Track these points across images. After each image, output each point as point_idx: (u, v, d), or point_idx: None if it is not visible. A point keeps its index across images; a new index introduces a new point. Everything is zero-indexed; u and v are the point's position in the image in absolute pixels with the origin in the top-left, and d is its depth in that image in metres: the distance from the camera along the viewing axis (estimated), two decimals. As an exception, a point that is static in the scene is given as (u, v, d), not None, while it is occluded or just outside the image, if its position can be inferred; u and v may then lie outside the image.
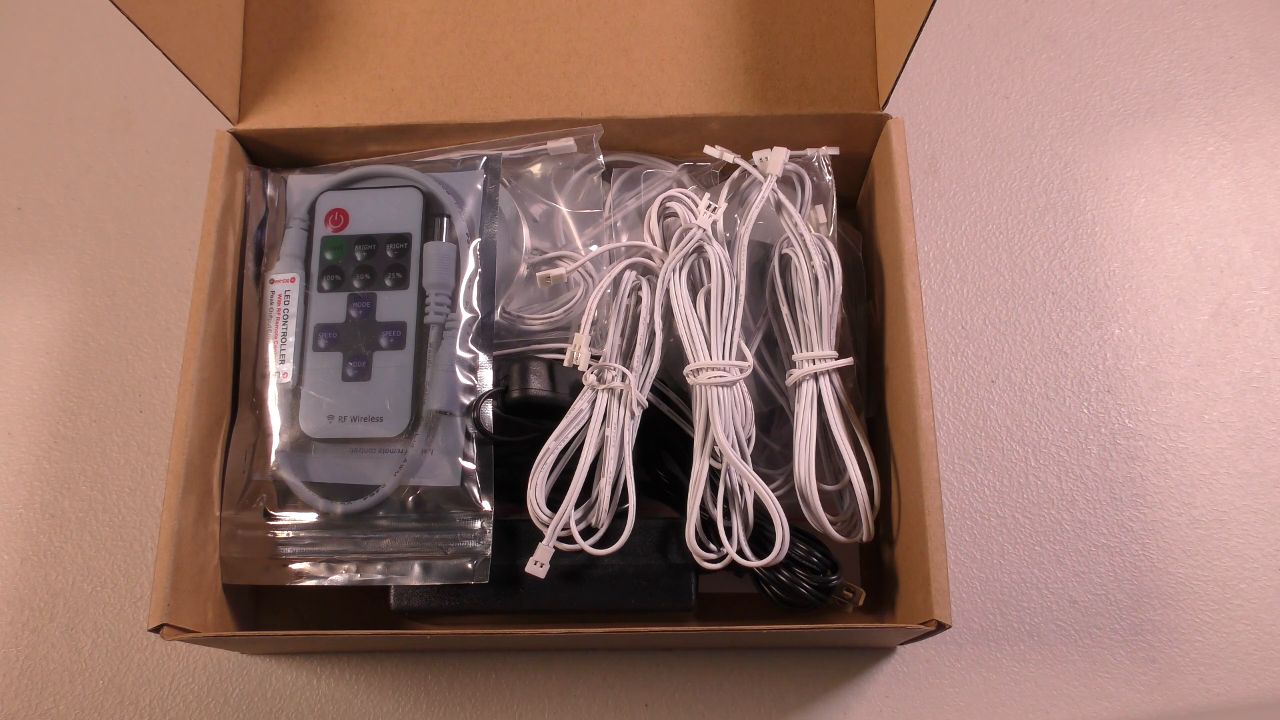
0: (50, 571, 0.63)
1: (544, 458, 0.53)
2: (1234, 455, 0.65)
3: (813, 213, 0.59)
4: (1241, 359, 0.67)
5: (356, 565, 0.55)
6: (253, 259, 0.59)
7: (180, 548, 0.52)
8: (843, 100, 0.60)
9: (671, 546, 0.55)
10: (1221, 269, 0.69)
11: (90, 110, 0.74)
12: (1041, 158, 0.72)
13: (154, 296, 0.69)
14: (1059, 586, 0.62)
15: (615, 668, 0.61)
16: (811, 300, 0.55)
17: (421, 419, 0.55)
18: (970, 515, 0.64)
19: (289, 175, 0.60)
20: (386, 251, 0.57)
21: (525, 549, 0.53)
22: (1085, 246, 0.69)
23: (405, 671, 0.61)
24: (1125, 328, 0.67)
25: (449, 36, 0.62)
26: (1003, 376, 0.67)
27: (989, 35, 0.75)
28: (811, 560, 0.54)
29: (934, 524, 0.50)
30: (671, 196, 0.57)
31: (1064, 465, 0.64)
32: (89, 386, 0.67)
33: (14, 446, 0.66)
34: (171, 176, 0.72)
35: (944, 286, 0.69)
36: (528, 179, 0.61)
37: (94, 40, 0.76)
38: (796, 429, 0.55)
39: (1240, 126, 0.72)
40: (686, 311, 0.55)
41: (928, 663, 0.61)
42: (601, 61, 0.61)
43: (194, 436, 0.54)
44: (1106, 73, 0.74)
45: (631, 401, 0.54)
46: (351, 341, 0.56)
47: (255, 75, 0.61)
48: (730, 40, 0.61)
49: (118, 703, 0.61)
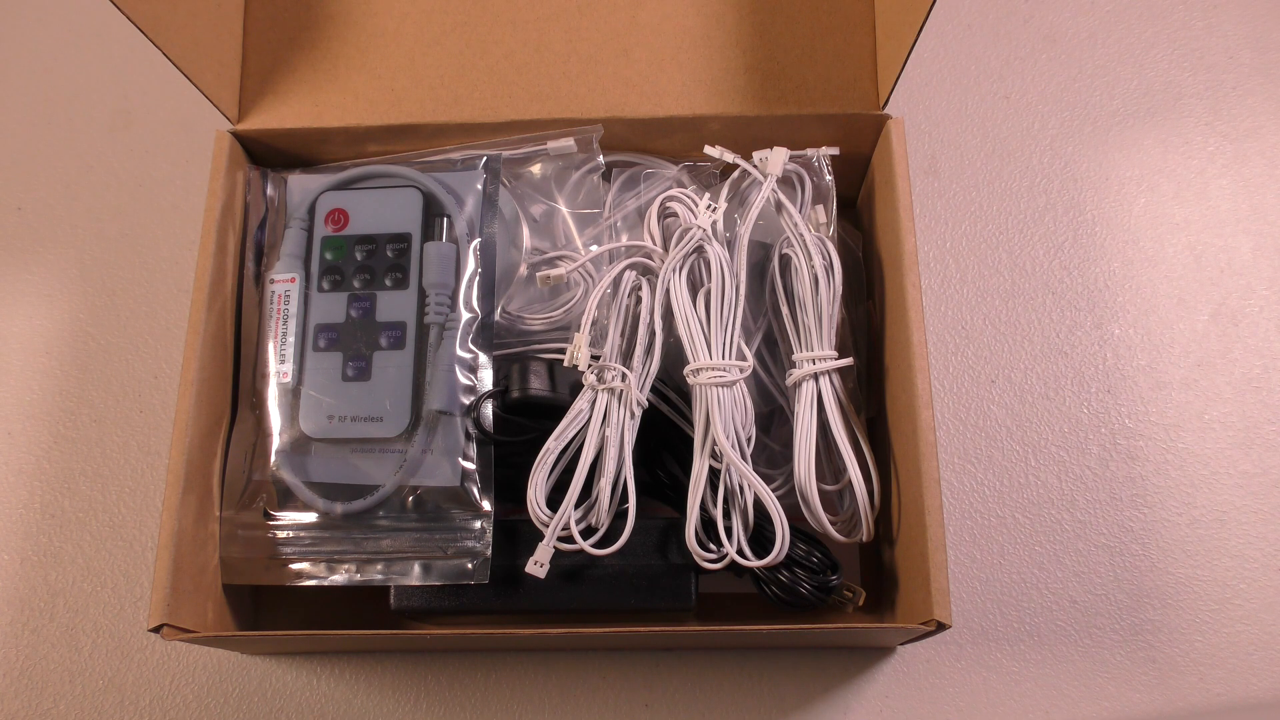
0: (50, 571, 0.63)
1: (544, 458, 0.53)
2: (1234, 455, 0.65)
3: (813, 213, 0.59)
4: (1241, 359, 0.67)
5: (356, 565, 0.55)
6: (253, 259, 0.59)
7: (180, 548, 0.52)
8: (843, 100, 0.60)
9: (671, 546, 0.55)
10: (1221, 269, 0.69)
11: (90, 110, 0.74)
12: (1041, 158, 0.72)
13: (154, 296, 0.69)
14: (1059, 586, 0.62)
15: (615, 668, 0.61)
16: (811, 300, 0.55)
17: (421, 419, 0.55)
18: (970, 515, 0.64)
19: (289, 175, 0.60)
20: (386, 251, 0.57)
21: (525, 549, 0.53)
22: (1085, 246, 0.69)
23: (405, 671, 0.61)
24: (1125, 328, 0.67)
25: (449, 36, 0.62)
26: (1003, 376, 0.67)
27: (989, 35, 0.75)
28: (811, 560, 0.54)
29: (934, 524, 0.50)
30: (671, 196, 0.57)
31: (1064, 465, 0.64)
32: (89, 386, 0.67)
33: (14, 446, 0.66)
34: (171, 176, 0.72)
35: (944, 286, 0.69)
36: (528, 179, 0.61)
37: (94, 40, 0.76)
38: (796, 429, 0.55)
39: (1240, 126, 0.72)
40: (686, 311, 0.55)
41: (928, 663, 0.61)
42: (601, 61, 0.61)
43: (194, 436, 0.54)
44: (1106, 73, 0.74)
45: (631, 401, 0.54)
46: (351, 341, 0.56)
47: (255, 75, 0.61)
48: (730, 40, 0.61)
49: (118, 703, 0.61)
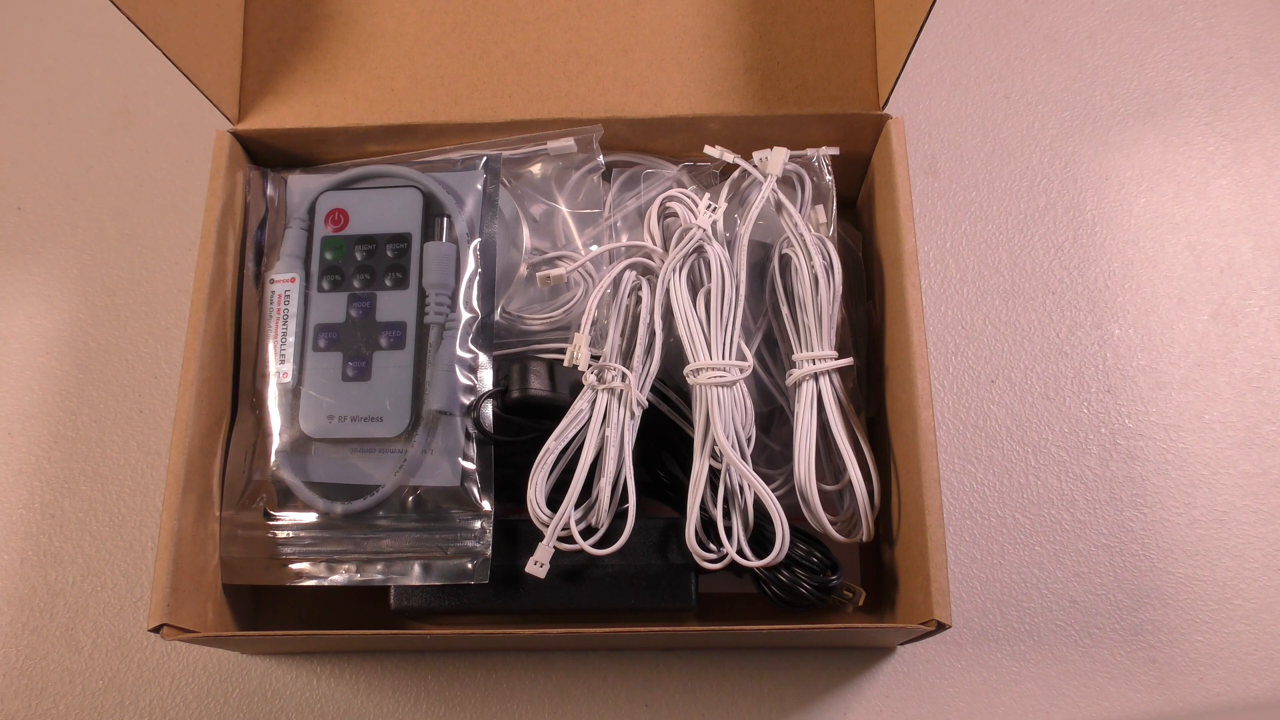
0: (50, 571, 0.63)
1: (544, 458, 0.53)
2: (1234, 455, 0.65)
3: (813, 213, 0.59)
4: (1241, 359, 0.67)
5: (356, 565, 0.55)
6: (253, 259, 0.59)
7: (180, 548, 0.52)
8: (843, 100, 0.60)
9: (671, 546, 0.55)
10: (1221, 269, 0.69)
11: (90, 110, 0.74)
12: (1041, 158, 0.72)
13: (154, 296, 0.69)
14: (1059, 586, 0.62)
15: (615, 668, 0.61)
16: (811, 300, 0.55)
17: (421, 419, 0.55)
18: (970, 515, 0.64)
19: (289, 175, 0.60)
20: (386, 251, 0.57)
21: (525, 549, 0.53)
22: (1085, 246, 0.69)
23: (405, 671, 0.61)
24: (1125, 328, 0.67)
25: (449, 36, 0.62)
26: (1003, 376, 0.67)
27: (989, 35, 0.75)
28: (811, 560, 0.54)
29: (934, 524, 0.50)
30: (671, 196, 0.57)
31: (1064, 465, 0.64)
32: (89, 386, 0.67)
33: (14, 446, 0.66)
34: (171, 176, 0.72)
35: (944, 286, 0.69)
36: (528, 179, 0.61)
37: (94, 40, 0.76)
38: (796, 429, 0.55)
39: (1240, 126, 0.72)
40: (686, 311, 0.55)
41: (928, 663, 0.61)
42: (601, 61, 0.61)
43: (194, 436, 0.54)
44: (1106, 73, 0.74)
45: (631, 401, 0.54)
46: (351, 341, 0.56)
47: (255, 75, 0.61)
48: (730, 40, 0.61)
49: (118, 703, 0.61)
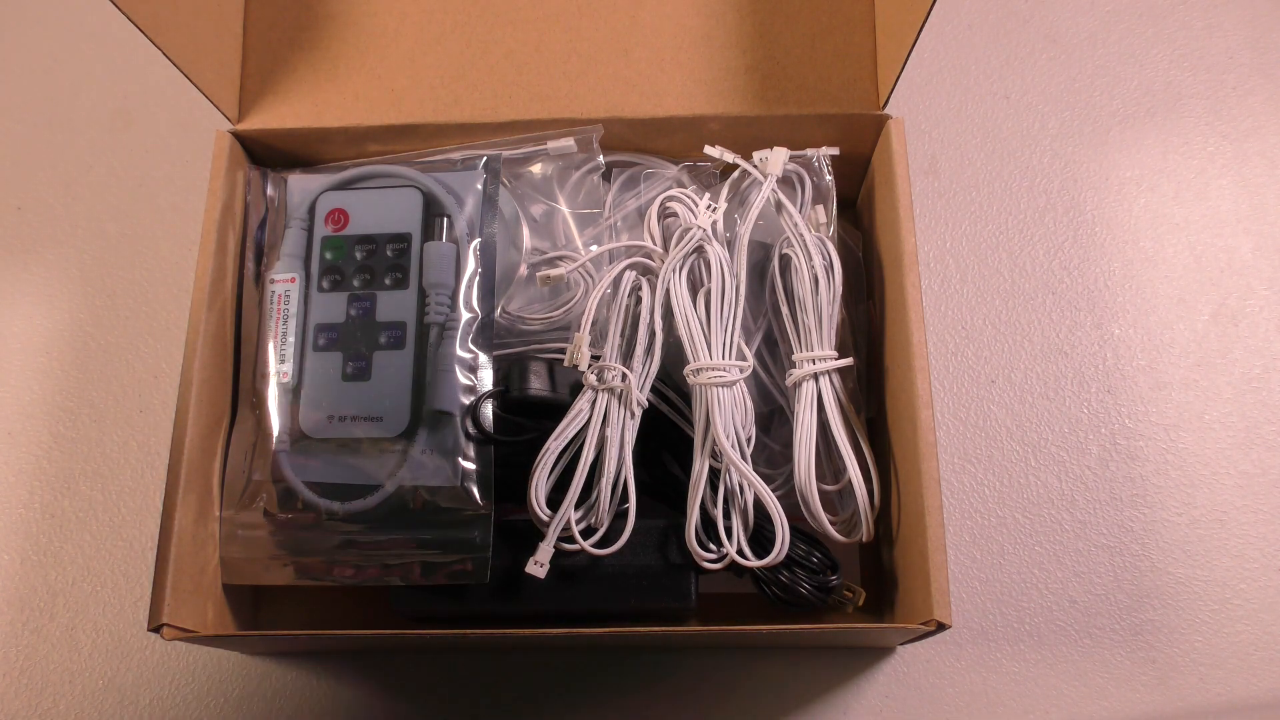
0: (50, 571, 0.63)
1: (544, 458, 0.53)
2: (1234, 455, 0.65)
3: (813, 213, 0.59)
4: (1241, 359, 0.67)
5: (356, 565, 0.55)
6: (253, 259, 0.59)
7: (180, 548, 0.52)
8: (843, 100, 0.60)
9: (671, 546, 0.55)
10: (1221, 269, 0.69)
11: (90, 110, 0.74)
12: (1041, 158, 0.72)
13: (154, 296, 0.69)
14: (1059, 586, 0.62)
15: (615, 668, 0.61)
16: (811, 300, 0.55)
17: (421, 419, 0.55)
18: (970, 515, 0.64)
19: (289, 175, 0.60)
20: (386, 251, 0.57)
21: (525, 549, 0.53)
22: (1085, 246, 0.69)
23: (405, 671, 0.61)
24: (1125, 328, 0.67)
25: (449, 36, 0.62)
26: (1003, 376, 0.67)
27: (989, 35, 0.75)
28: (811, 560, 0.54)
29: (934, 524, 0.50)
30: (671, 196, 0.57)
31: (1064, 465, 0.64)
32: (89, 386, 0.67)
33: (14, 446, 0.66)
34: (171, 176, 0.72)
35: (944, 286, 0.69)
36: (528, 179, 0.61)
37: (94, 40, 0.76)
38: (796, 429, 0.55)
39: (1240, 126, 0.72)
40: (686, 311, 0.55)
41: (928, 663, 0.61)
42: (601, 61, 0.61)
43: (194, 436, 0.54)
44: (1106, 73, 0.74)
45: (631, 401, 0.54)
46: (351, 341, 0.56)
47: (255, 75, 0.61)
48: (730, 40, 0.61)
49: (118, 703, 0.61)
